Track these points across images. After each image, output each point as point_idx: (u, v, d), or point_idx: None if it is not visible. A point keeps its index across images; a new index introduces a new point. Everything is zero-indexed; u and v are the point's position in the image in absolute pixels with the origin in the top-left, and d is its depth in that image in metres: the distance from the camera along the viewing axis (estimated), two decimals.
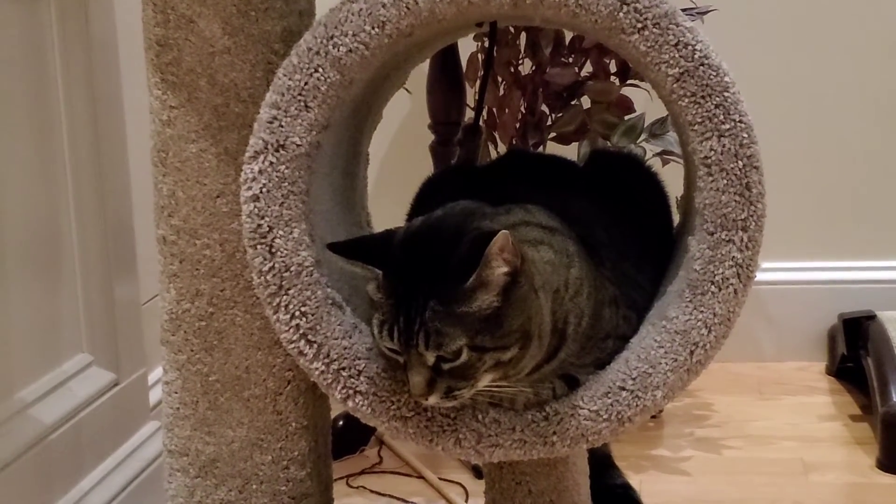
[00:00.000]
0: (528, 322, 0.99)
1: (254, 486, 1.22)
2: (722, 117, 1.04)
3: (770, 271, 2.08)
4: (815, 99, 2.13)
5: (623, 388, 1.06)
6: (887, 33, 2.11)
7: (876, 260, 2.15)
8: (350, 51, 1.08)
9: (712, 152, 1.05)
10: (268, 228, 1.09)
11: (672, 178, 1.32)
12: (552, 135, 1.76)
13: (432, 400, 1.00)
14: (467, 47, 1.83)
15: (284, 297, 1.09)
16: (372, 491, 1.66)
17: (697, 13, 1.63)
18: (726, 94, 1.04)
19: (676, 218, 1.30)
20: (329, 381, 1.10)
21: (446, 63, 1.78)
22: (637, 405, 1.07)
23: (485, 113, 1.77)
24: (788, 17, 2.10)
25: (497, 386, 1.03)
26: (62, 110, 1.32)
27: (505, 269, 0.96)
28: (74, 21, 1.32)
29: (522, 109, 1.79)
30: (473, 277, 0.96)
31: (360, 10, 1.07)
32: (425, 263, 0.99)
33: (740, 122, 1.04)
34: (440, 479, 1.70)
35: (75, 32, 1.32)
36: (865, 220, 2.16)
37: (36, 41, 1.28)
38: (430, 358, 0.98)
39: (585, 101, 1.77)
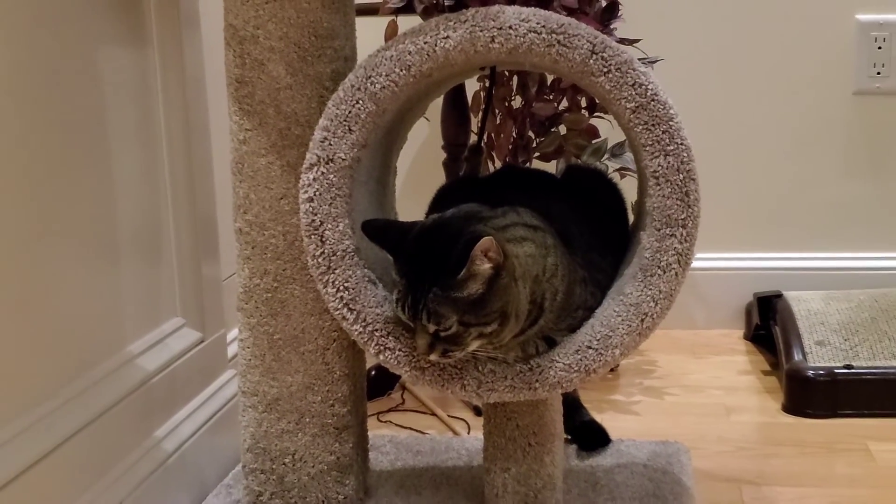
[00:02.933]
0: (506, 305, 1.02)
1: (307, 420, 1.23)
2: (667, 141, 1.05)
3: (702, 259, 2.07)
4: (737, 126, 2.17)
5: (589, 347, 1.08)
6: (794, 72, 2.07)
7: (783, 252, 2.16)
8: (383, 87, 1.09)
9: (660, 167, 1.06)
10: (319, 223, 1.10)
11: (628, 188, 1.32)
12: (536, 154, 1.77)
13: (432, 357, 1.03)
14: (472, 86, 1.81)
15: (332, 275, 1.11)
16: (396, 424, 1.68)
17: (649, 61, 1.62)
18: (671, 122, 1.05)
19: (631, 218, 1.27)
20: (365, 339, 1.12)
21: (456, 98, 1.78)
22: (600, 360, 1.08)
23: (485, 137, 1.76)
24: (717, 64, 2.12)
25: (485, 350, 1.05)
26: (163, 131, 1.33)
27: (489, 265, 0.99)
28: (172, 63, 1.34)
29: (514, 135, 1.80)
30: (464, 271, 0.98)
31: (391, 56, 1.09)
32: (431, 256, 1.02)
33: (681, 144, 1.06)
34: (449, 416, 1.70)
35: (173, 72, 1.34)
36: (776, 221, 2.18)
37: (144, 79, 1.29)
38: (431, 328, 1.01)
39: (562, 129, 1.75)
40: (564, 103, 1.77)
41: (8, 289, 1.02)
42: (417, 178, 2.08)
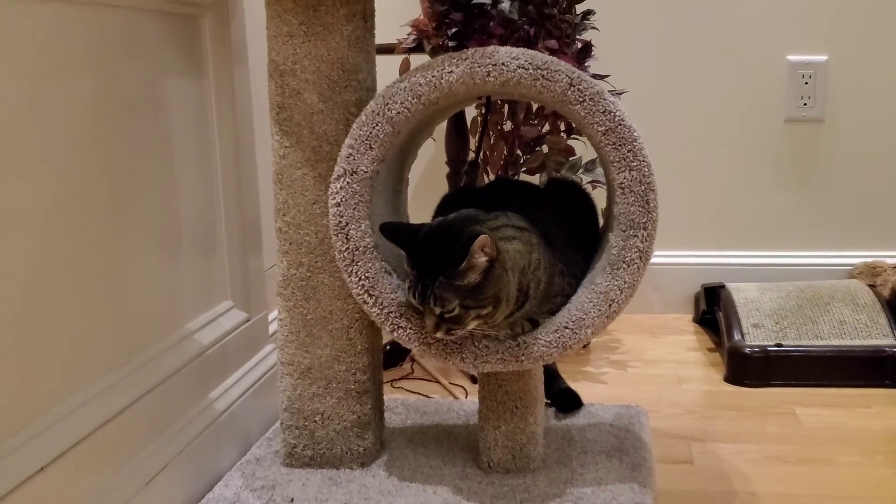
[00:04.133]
0: (499, 291, 1.02)
1: (333, 385, 1.23)
2: (631, 158, 1.05)
3: (659, 256, 2.05)
4: (689, 146, 2.19)
5: (566, 327, 1.08)
6: (735, 102, 2.11)
7: (726, 250, 2.17)
8: (398, 113, 1.09)
9: (625, 180, 1.05)
10: (345, 223, 1.10)
11: (599, 197, 1.32)
12: (523, 169, 1.77)
13: (438, 335, 1.03)
14: (471, 112, 1.81)
15: (355, 267, 1.11)
16: (406, 390, 1.68)
17: (616, 93, 1.61)
18: (634, 143, 1.05)
19: (601, 221, 1.27)
20: (382, 319, 1.12)
21: (457, 122, 1.79)
22: (575, 338, 1.09)
23: (481, 154, 1.76)
24: (672, 95, 2.15)
25: (481, 329, 1.05)
26: (217, 147, 1.34)
27: (485, 258, 1.00)
28: (225, 92, 1.34)
29: (505, 153, 1.80)
30: (464, 263, 0.99)
31: (405, 87, 1.09)
32: (437, 252, 1.02)
33: (643, 161, 1.06)
34: (450, 383, 1.70)
35: (226, 99, 1.34)
36: (720, 225, 2.19)
37: (202, 105, 1.30)
38: (437, 311, 1.02)
39: (545, 148, 1.75)
40: (547, 127, 1.76)
41: (93, 276, 1.03)
42: (425, 188, 2.08)
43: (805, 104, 2.09)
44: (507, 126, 1.78)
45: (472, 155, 1.79)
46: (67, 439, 0.94)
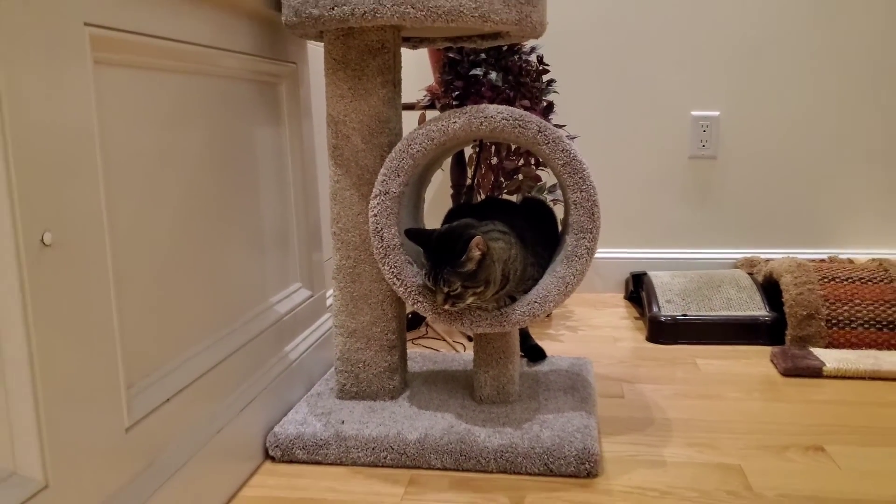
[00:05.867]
0: (489, 276, 1.03)
1: (372, 342, 1.23)
2: (581, 183, 1.04)
3: (601, 252, 2.08)
4: (620, 175, 2.14)
5: (535, 302, 1.08)
6: (654, 143, 2.12)
7: (647, 248, 2.16)
8: (418, 151, 1.08)
9: (577, 199, 1.05)
10: (380, 228, 1.10)
11: (558, 211, 1.31)
12: (505, 191, 1.76)
13: (445, 307, 1.04)
14: (468, 151, 1.81)
15: (387, 259, 1.11)
16: (423, 346, 1.66)
17: (571, 137, 1.62)
18: (584, 173, 1.05)
19: (560, 228, 1.27)
20: (406, 296, 1.12)
21: (458, 158, 1.78)
22: (541, 310, 1.09)
23: (475, 180, 1.76)
24: (609, 139, 2.13)
25: (475, 303, 1.05)
26: (290, 175, 1.34)
27: (479, 253, 1.01)
28: (296, 136, 1.35)
29: (492, 179, 1.78)
30: (464, 256, 0.99)
31: (422, 133, 1.08)
32: (445, 249, 1.02)
33: (590, 185, 1.06)
34: (454, 341, 1.69)
35: (296, 141, 1.34)
36: (643, 231, 2.17)
37: (279, 145, 1.31)
38: (444, 290, 1.02)
39: (521, 176, 1.76)
40: (522, 161, 1.78)
41: (206, 264, 1.04)
42: (436, 204, 2.09)
43: (703, 146, 2.09)
44: (494, 160, 1.80)
45: (468, 181, 1.80)
46: (187, 378, 0.95)
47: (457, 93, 1.61)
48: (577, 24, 2.08)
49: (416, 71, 2.00)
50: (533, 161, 1.76)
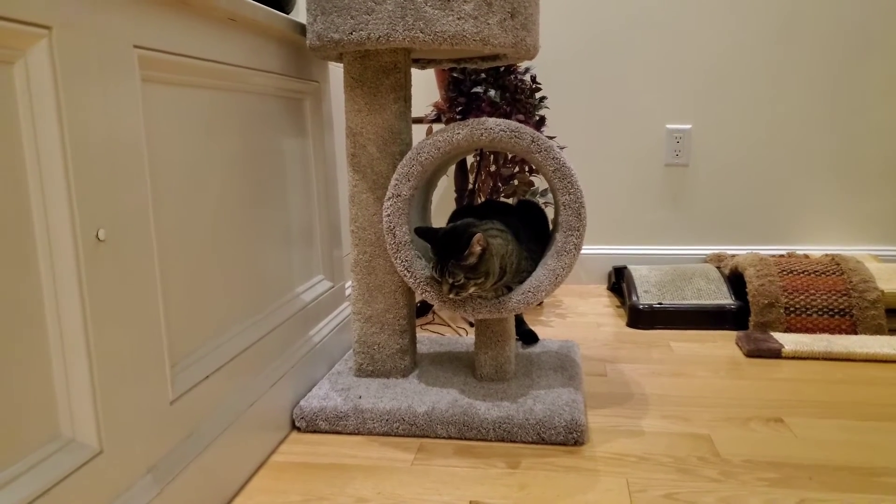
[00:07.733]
0: (488, 269, 1.02)
1: (385, 327, 1.23)
2: (569, 187, 1.04)
3: (587, 248, 2.07)
4: (604, 180, 2.14)
5: (529, 292, 1.07)
6: (634, 152, 2.11)
7: (627, 245, 2.14)
8: (426, 159, 1.08)
9: (566, 200, 1.04)
10: (393, 227, 1.10)
11: (549, 212, 1.30)
12: (503, 194, 1.75)
13: (450, 296, 1.03)
14: (470, 159, 1.81)
15: (399, 253, 1.10)
16: (430, 331, 1.66)
17: (560, 147, 1.61)
18: (572, 178, 1.04)
19: (551, 226, 1.27)
20: (415, 287, 1.12)
21: (461, 165, 1.77)
22: (534, 299, 1.08)
23: (476, 185, 1.76)
24: (595, 148, 2.12)
25: (477, 292, 1.05)
26: (314, 181, 1.33)
27: (479, 248, 1.00)
28: (319, 146, 1.34)
29: (491, 184, 1.78)
30: (467, 251, 0.99)
31: (430, 143, 1.08)
32: (450, 244, 1.02)
33: (577, 189, 1.05)
34: (458, 326, 1.69)
35: (319, 151, 1.33)
36: (623, 229, 2.16)
37: (304, 155, 1.29)
38: (449, 281, 1.01)
39: (516, 181, 1.76)
40: (517, 168, 1.78)
41: (240, 257, 1.03)
42: (442, 206, 2.09)
43: (677, 155, 2.08)
44: (493, 167, 1.80)
45: (470, 185, 1.80)
46: (223, 358, 0.95)
47: (460, 108, 1.61)
48: (565, 48, 2.08)
49: (425, 89, 1.99)
50: (527, 168, 1.75)
